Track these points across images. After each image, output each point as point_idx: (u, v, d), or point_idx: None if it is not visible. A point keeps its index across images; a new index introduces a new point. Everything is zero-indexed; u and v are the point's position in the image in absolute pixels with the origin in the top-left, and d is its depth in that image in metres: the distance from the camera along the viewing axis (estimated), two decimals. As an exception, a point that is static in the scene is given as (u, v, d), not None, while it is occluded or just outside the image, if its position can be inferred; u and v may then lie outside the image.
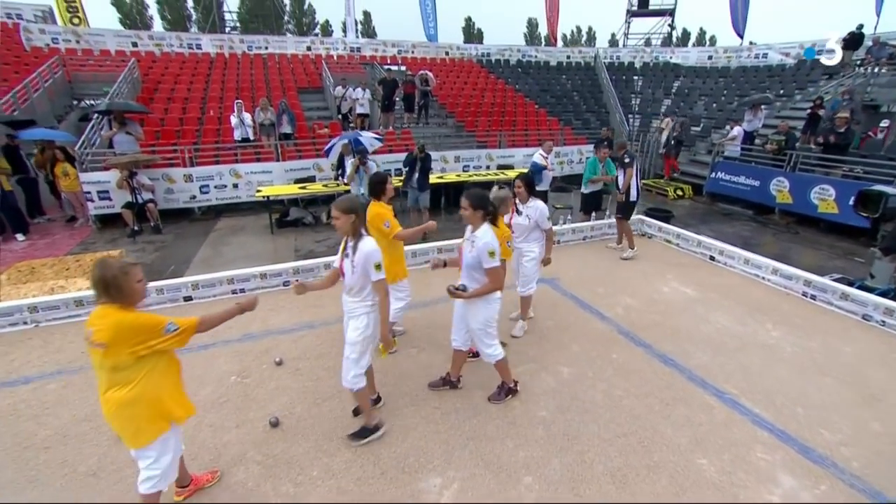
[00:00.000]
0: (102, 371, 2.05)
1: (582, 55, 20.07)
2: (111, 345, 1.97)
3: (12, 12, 14.45)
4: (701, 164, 11.62)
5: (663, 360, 3.99)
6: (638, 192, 6.38)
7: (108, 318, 1.98)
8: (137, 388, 2.07)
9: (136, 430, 2.14)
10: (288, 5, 45.47)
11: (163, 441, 2.21)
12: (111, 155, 7.92)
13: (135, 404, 2.08)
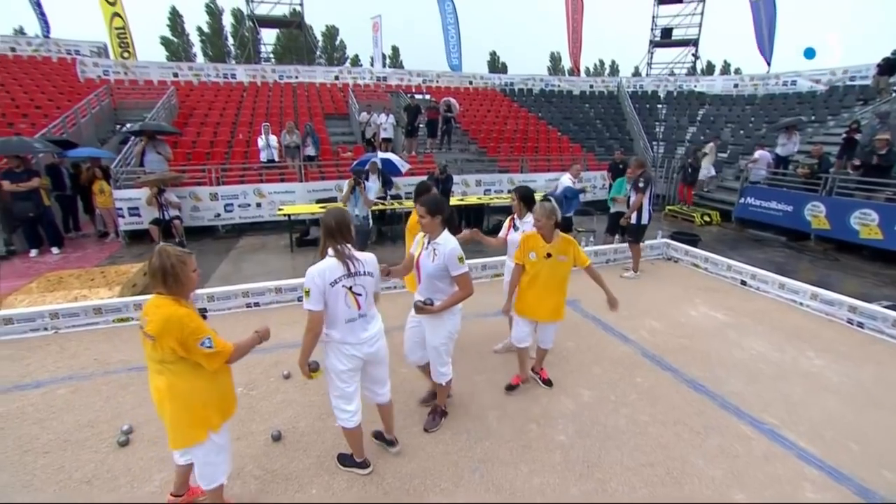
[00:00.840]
0: (152, 362, 2.06)
1: (605, 84, 20.20)
2: (158, 338, 1.96)
3: (71, 48, 15.62)
4: (728, 190, 11.27)
5: (692, 385, 3.69)
6: (649, 215, 6.25)
7: (160, 309, 1.98)
8: (180, 387, 2.05)
9: (176, 430, 2.12)
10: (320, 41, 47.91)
11: (201, 447, 2.16)
12: (143, 173, 8.22)
13: (186, 397, 2.07)
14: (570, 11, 19.96)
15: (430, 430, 3.10)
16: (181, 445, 2.17)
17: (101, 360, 4.05)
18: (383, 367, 2.67)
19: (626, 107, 17.32)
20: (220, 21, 41.33)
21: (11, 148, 7.37)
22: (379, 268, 2.62)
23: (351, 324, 2.42)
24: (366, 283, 2.42)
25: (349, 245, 2.39)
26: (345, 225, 2.38)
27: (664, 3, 21.52)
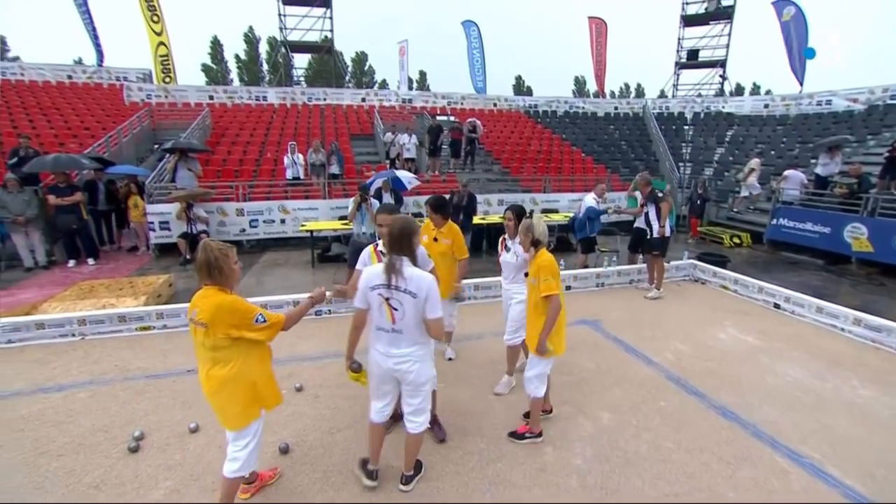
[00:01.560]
0: (204, 350, 2.16)
1: (630, 106, 20.08)
2: (211, 325, 2.08)
3: (120, 75, 16.68)
4: (759, 212, 10.86)
5: (721, 412, 3.46)
6: (671, 229, 6.28)
7: (209, 298, 2.11)
8: (235, 369, 2.17)
9: (233, 411, 2.22)
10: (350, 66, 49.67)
11: (255, 426, 2.30)
12: (174, 189, 8.55)
13: (234, 385, 2.18)
14: (593, 35, 20.11)
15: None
16: (240, 425, 2.25)
17: (121, 366, 4.12)
18: (414, 394, 2.50)
19: (652, 128, 17.11)
20: (256, 49, 43.45)
21: (61, 165, 7.81)
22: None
23: (380, 332, 2.42)
24: (404, 300, 2.30)
25: (407, 258, 2.35)
26: (406, 235, 2.35)
27: (690, 25, 21.42)
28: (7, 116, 12.63)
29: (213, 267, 2.12)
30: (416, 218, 3.32)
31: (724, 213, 11.76)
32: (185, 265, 7.86)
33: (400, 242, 2.33)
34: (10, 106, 13.45)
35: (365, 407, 3.45)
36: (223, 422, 2.28)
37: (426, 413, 2.58)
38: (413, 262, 2.38)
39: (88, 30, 17.15)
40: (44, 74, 16.36)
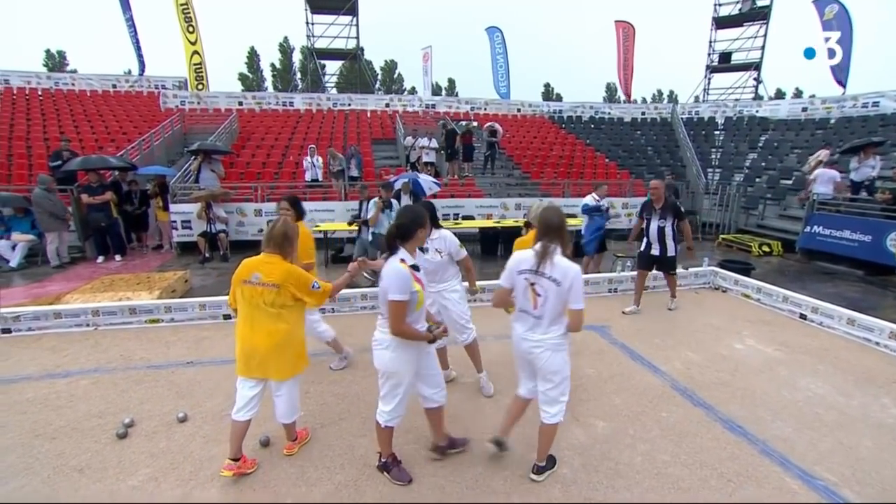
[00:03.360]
0: (269, 308, 2.50)
1: (658, 111, 19.52)
2: (283, 286, 2.48)
3: (158, 83, 17.53)
4: (791, 219, 10.28)
5: (728, 425, 3.22)
6: (675, 246, 5.49)
7: (278, 265, 2.51)
8: (294, 327, 2.61)
9: (291, 360, 2.61)
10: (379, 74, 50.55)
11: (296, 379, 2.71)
12: (197, 189, 8.83)
13: (294, 337, 2.60)
14: (620, 39, 19.69)
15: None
16: (290, 374, 2.64)
17: (125, 356, 4.23)
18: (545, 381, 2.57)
19: (680, 133, 16.54)
20: (290, 58, 44.82)
21: (90, 164, 8.21)
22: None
23: (522, 315, 2.54)
24: (548, 287, 2.39)
25: (559, 246, 2.43)
26: (557, 226, 2.46)
27: (723, 28, 20.67)
28: (56, 122, 13.46)
29: (287, 238, 2.56)
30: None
31: (754, 220, 11.19)
32: (203, 263, 8.08)
33: (553, 230, 2.44)
34: (60, 113, 14.33)
35: (352, 405, 3.43)
36: (278, 372, 2.59)
37: (559, 404, 2.57)
38: (564, 252, 2.45)
39: (133, 42, 18.12)
40: (92, 84, 17.36)
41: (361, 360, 4.20)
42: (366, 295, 5.63)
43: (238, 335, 2.58)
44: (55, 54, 43.70)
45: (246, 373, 2.58)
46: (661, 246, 5.32)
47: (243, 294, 2.53)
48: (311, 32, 21.15)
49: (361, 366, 4.11)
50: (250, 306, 2.52)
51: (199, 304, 5.05)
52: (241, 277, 2.53)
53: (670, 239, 5.31)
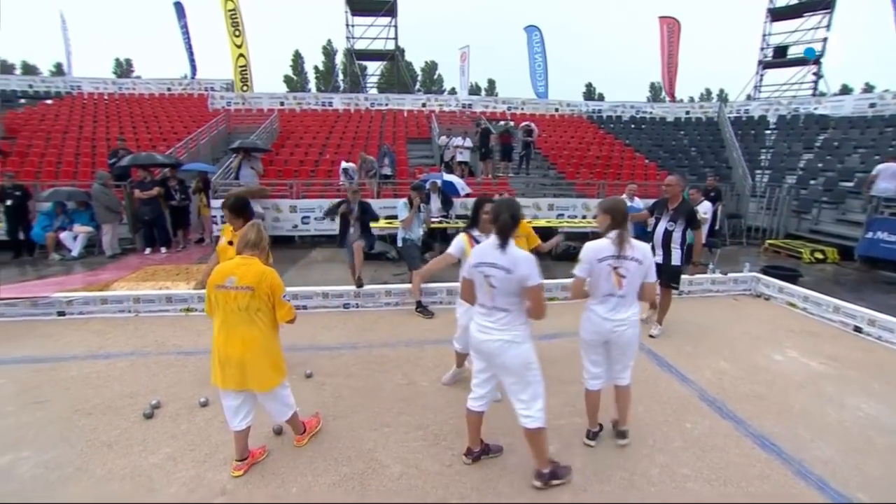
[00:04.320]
0: (242, 313, 2.42)
1: (703, 110, 18.54)
2: (257, 288, 2.42)
3: (207, 86, 18.48)
4: (850, 224, 9.49)
5: (759, 441, 2.99)
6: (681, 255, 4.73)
7: (253, 266, 2.45)
8: (269, 333, 2.53)
9: (269, 370, 2.52)
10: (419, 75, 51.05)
11: (282, 388, 2.65)
12: (237, 185, 9.21)
13: (268, 346, 2.51)
14: (664, 36, 18.85)
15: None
16: (273, 384, 2.56)
17: (159, 342, 4.46)
18: (626, 352, 2.79)
19: (726, 132, 15.65)
20: (333, 60, 46.04)
21: (139, 160, 8.74)
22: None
23: (606, 299, 2.69)
24: (631, 267, 2.63)
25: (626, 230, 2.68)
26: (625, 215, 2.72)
27: (779, 20, 19.37)
28: (117, 124, 14.46)
29: (262, 241, 2.56)
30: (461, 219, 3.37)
31: (807, 224, 10.43)
32: (240, 256, 8.41)
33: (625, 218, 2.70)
34: (121, 115, 15.39)
35: (366, 399, 3.45)
36: (258, 383, 2.49)
37: (630, 368, 2.87)
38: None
39: (186, 47, 19.18)
40: (150, 88, 18.52)
41: (379, 355, 4.23)
42: (390, 291, 5.67)
43: (213, 344, 2.48)
44: (123, 62, 47.00)
45: (222, 383, 2.47)
46: (664, 252, 4.54)
47: (217, 300, 2.44)
48: (350, 34, 21.60)
49: (379, 360, 4.14)
50: (224, 312, 2.42)
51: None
52: (216, 283, 2.43)
53: (678, 246, 4.53)
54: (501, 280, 2.32)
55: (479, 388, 2.60)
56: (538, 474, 2.50)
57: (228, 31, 16.08)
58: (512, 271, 2.29)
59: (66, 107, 15.91)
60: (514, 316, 2.38)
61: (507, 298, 2.35)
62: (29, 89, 18.11)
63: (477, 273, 2.41)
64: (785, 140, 15.24)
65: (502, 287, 2.33)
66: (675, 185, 4.56)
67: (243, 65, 16.39)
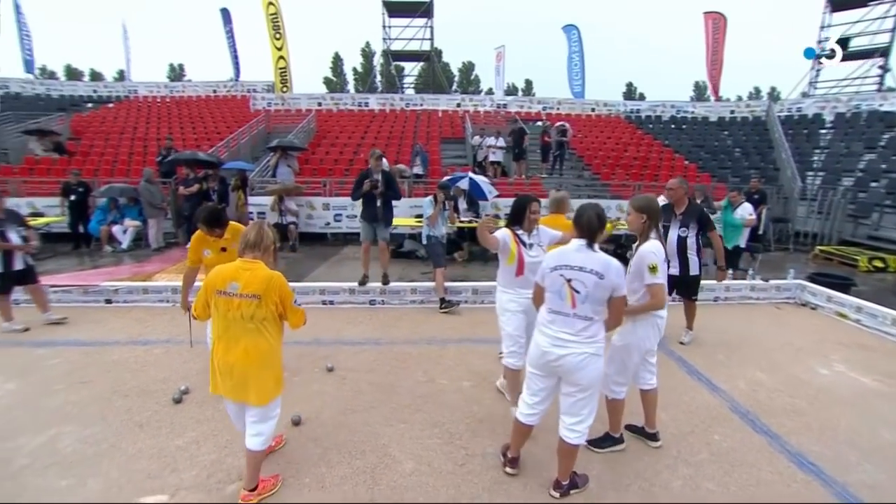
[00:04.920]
0: (247, 322, 2.15)
1: (750, 109, 17.55)
2: (264, 296, 2.14)
3: (250, 87, 19.27)
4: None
5: (796, 460, 2.79)
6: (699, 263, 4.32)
7: (258, 272, 2.16)
8: (276, 345, 2.27)
9: (269, 384, 2.25)
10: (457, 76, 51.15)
11: (278, 402, 2.35)
12: (274, 183, 9.52)
13: (273, 358, 2.26)
14: (709, 31, 17.99)
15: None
16: (269, 398, 2.28)
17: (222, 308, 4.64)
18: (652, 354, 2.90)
19: (775, 132, 14.76)
20: (371, 61, 46.88)
21: (184, 158, 9.19)
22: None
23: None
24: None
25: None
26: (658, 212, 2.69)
27: (839, 10, 18.03)
28: (167, 124, 15.31)
29: (268, 241, 2.27)
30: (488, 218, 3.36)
31: (865, 230, 9.68)
32: (274, 252, 8.70)
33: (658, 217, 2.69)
34: (171, 116, 16.30)
35: (384, 394, 3.47)
36: (258, 396, 2.22)
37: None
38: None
39: (231, 51, 20.05)
40: (197, 90, 19.51)
41: (401, 352, 4.25)
42: (415, 289, 5.70)
43: (213, 351, 2.28)
44: (176, 67, 49.74)
45: (223, 392, 2.27)
46: (681, 262, 4.18)
47: (217, 306, 2.20)
48: (387, 35, 21.92)
49: (401, 357, 4.15)
50: (226, 320, 2.18)
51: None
52: (216, 287, 2.18)
53: (693, 253, 4.17)
54: (592, 285, 2.16)
55: (540, 404, 2.42)
56: (557, 485, 2.41)
57: (270, 34, 16.68)
58: (605, 276, 2.14)
59: (123, 109, 17.01)
60: (597, 326, 2.23)
61: (594, 306, 2.19)
62: (94, 94, 19.49)
63: (556, 276, 2.22)
64: (843, 139, 14.23)
65: (591, 293, 2.16)
66: (677, 189, 4.14)
67: (283, 67, 16.96)
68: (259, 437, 2.27)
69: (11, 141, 13.05)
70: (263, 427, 2.29)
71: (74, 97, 19.06)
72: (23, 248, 4.61)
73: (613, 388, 2.74)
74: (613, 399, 2.77)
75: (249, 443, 2.28)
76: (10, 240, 4.50)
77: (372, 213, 5.69)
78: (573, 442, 2.30)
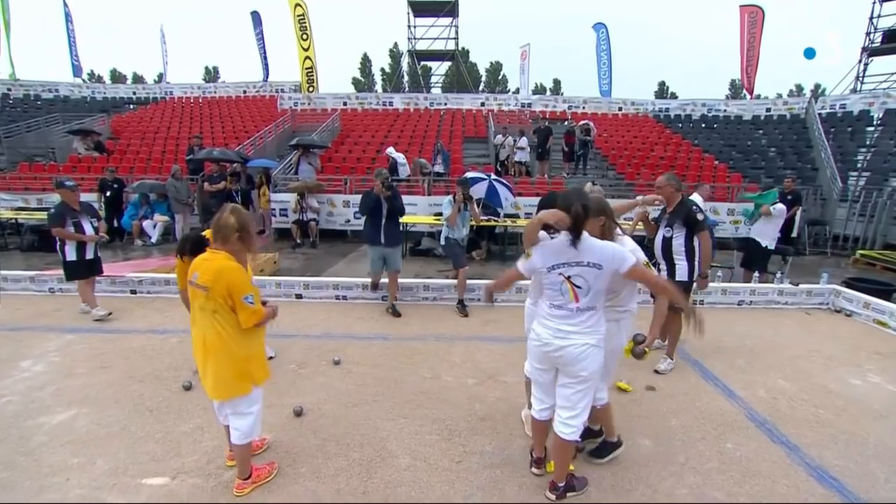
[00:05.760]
0: (204, 314, 2.14)
1: (788, 107, 16.75)
2: (211, 287, 2.08)
3: (278, 87, 19.76)
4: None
5: (816, 473, 2.62)
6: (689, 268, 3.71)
7: (213, 262, 2.11)
8: (233, 339, 2.15)
9: (221, 380, 2.19)
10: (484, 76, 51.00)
11: (246, 401, 2.26)
12: (296, 180, 9.71)
13: (228, 353, 2.16)
14: (745, 26, 17.21)
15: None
16: (225, 396, 2.22)
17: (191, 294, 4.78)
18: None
19: (814, 130, 14.01)
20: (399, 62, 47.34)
21: (214, 156, 9.48)
22: None
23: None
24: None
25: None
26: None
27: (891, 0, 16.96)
28: (199, 123, 15.87)
29: (227, 230, 2.10)
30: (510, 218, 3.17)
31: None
32: (295, 248, 8.88)
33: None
34: (202, 116, 16.87)
35: (388, 388, 3.47)
36: (212, 389, 2.23)
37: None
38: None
39: (261, 52, 20.60)
40: (228, 91, 20.14)
41: (409, 348, 4.24)
42: (428, 286, 5.69)
43: None
44: (210, 70, 51.55)
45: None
46: (667, 265, 3.76)
47: (191, 296, 2.23)
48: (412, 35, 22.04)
49: (408, 353, 4.15)
50: (193, 309, 2.23)
51: (276, 283, 5.54)
52: (189, 277, 2.21)
53: (682, 257, 3.68)
54: (592, 278, 2.11)
55: (549, 398, 2.36)
56: (553, 486, 2.34)
57: (297, 35, 17.02)
58: (602, 265, 2.09)
59: (159, 110, 17.73)
60: (599, 316, 2.19)
61: (596, 297, 2.14)
62: (133, 96, 20.42)
63: (554, 276, 2.15)
64: (893, 137, 13.38)
65: (593, 285, 2.12)
66: (665, 187, 3.71)
67: (309, 67, 17.29)
68: (236, 432, 2.27)
69: (58, 141, 13.84)
70: (238, 423, 2.26)
71: (116, 99, 20.01)
72: (95, 238, 4.90)
73: (598, 396, 2.51)
74: (602, 406, 2.60)
75: (231, 436, 2.32)
76: (86, 231, 4.79)
77: (376, 232, 5.09)
78: (567, 437, 2.22)
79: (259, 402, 2.34)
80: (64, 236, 4.72)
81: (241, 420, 2.27)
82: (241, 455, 2.34)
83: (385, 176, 5.04)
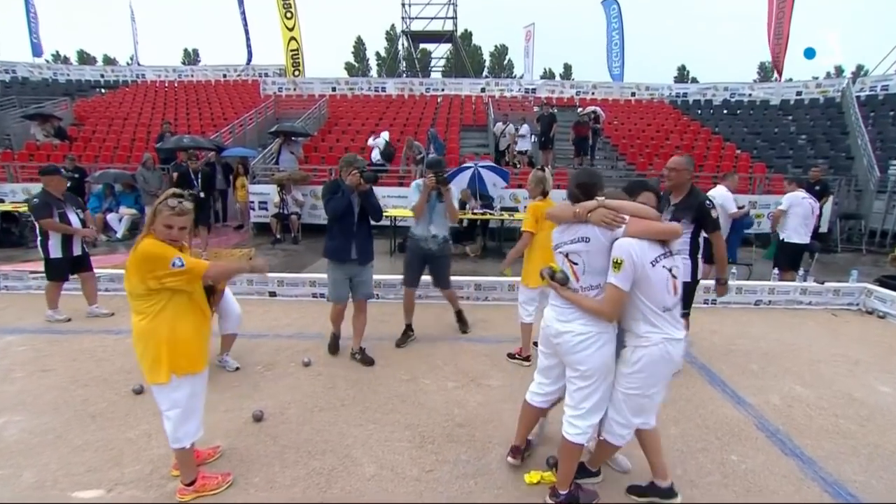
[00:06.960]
0: (129, 297, 2.22)
1: (821, 90, 16.59)
2: (127, 271, 2.14)
3: (261, 71, 19.78)
4: None
5: (833, 489, 2.54)
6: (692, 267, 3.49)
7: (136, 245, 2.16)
8: (148, 322, 2.16)
9: (145, 363, 2.24)
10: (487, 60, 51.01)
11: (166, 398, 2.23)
12: (277, 170, 9.68)
13: (148, 336, 2.17)
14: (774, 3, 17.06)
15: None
16: (150, 380, 2.26)
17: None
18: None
19: (851, 115, 13.88)
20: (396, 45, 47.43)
21: (185, 143, 9.47)
22: None
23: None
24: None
25: None
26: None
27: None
28: (173, 109, 15.87)
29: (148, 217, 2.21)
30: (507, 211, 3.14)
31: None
32: (274, 244, 8.83)
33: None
34: (178, 101, 16.88)
35: (359, 392, 3.41)
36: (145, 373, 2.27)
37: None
38: None
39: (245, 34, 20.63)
40: (207, 75, 20.17)
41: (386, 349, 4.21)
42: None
43: None
44: (190, 52, 51.73)
45: None
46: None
47: None
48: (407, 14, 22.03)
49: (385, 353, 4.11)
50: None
51: (248, 280, 5.48)
52: None
53: (686, 255, 3.39)
54: (584, 252, 2.15)
55: (548, 385, 2.44)
56: (554, 493, 2.30)
57: (280, 13, 16.95)
58: (590, 238, 2.12)
59: (130, 94, 17.74)
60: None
61: (594, 275, 2.14)
62: (101, 79, 20.43)
63: (558, 256, 2.27)
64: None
65: (586, 261, 2.15)
66: (680, 170, 3.39)
67: (295, 49, 17.24)
68: (167, 424, 2.28)
69: (13, 126, 13.82)
70: (165, 424, 2.27)
71: (82, 82, 20.00)
72: (90, 233, 4.82)
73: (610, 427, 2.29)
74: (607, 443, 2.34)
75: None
76: (72, 223, 4.67)
77: (345, 243, 4.04)
78: (572, 439, 2.20)
79: (182, 405, 2.25)
80: (56, 228, 4.56)
81: (166, 422, 2.27)
82: (180, 459, 2.35)
83: (363, 163, 3.97)
